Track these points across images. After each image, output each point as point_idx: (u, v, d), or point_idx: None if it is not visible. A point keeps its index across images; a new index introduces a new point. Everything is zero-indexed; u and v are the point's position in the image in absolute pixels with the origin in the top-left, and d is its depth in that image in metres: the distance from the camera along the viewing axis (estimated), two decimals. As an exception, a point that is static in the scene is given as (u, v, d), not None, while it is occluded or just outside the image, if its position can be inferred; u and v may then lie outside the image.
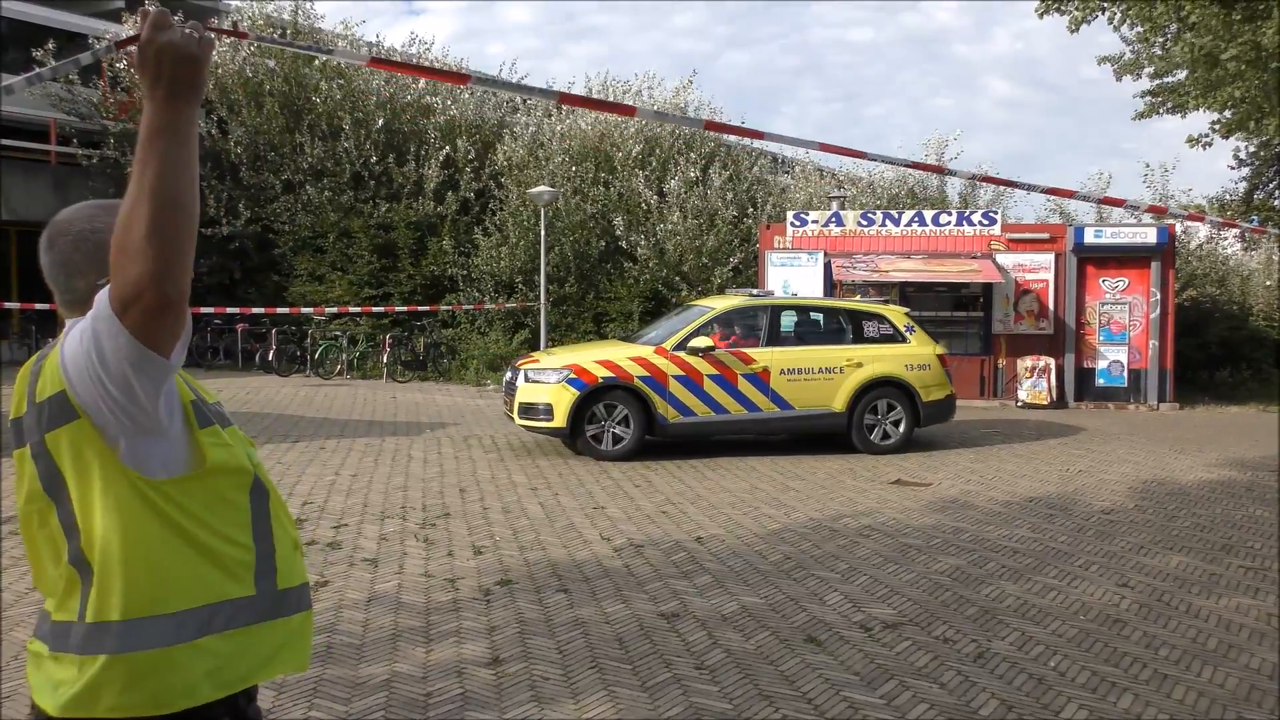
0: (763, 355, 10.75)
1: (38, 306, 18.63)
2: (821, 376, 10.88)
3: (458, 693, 4.26)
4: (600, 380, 10.22)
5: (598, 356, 10.55)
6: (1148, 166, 31.67)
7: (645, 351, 10.57)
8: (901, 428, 11.07)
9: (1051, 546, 6.93)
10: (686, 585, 5.88)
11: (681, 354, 10.49)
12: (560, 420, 10.16)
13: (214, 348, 20.74)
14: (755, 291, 12.30)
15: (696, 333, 10.65)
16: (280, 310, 18.63)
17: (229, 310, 19.50)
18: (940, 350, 11.62)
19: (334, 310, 19.59)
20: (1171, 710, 4.19)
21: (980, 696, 4.30)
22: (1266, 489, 9.29)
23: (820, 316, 11.89)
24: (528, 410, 10.35)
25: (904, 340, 11.35)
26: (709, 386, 10.50)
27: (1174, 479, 9.71)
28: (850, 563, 6.42)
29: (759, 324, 11.13)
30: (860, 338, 11.31)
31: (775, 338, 11.04)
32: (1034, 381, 16.14)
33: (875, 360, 11.06)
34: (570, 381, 10.17)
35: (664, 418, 10.36)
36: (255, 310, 19.21)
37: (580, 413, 10.16)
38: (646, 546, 6.77)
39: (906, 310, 12.13)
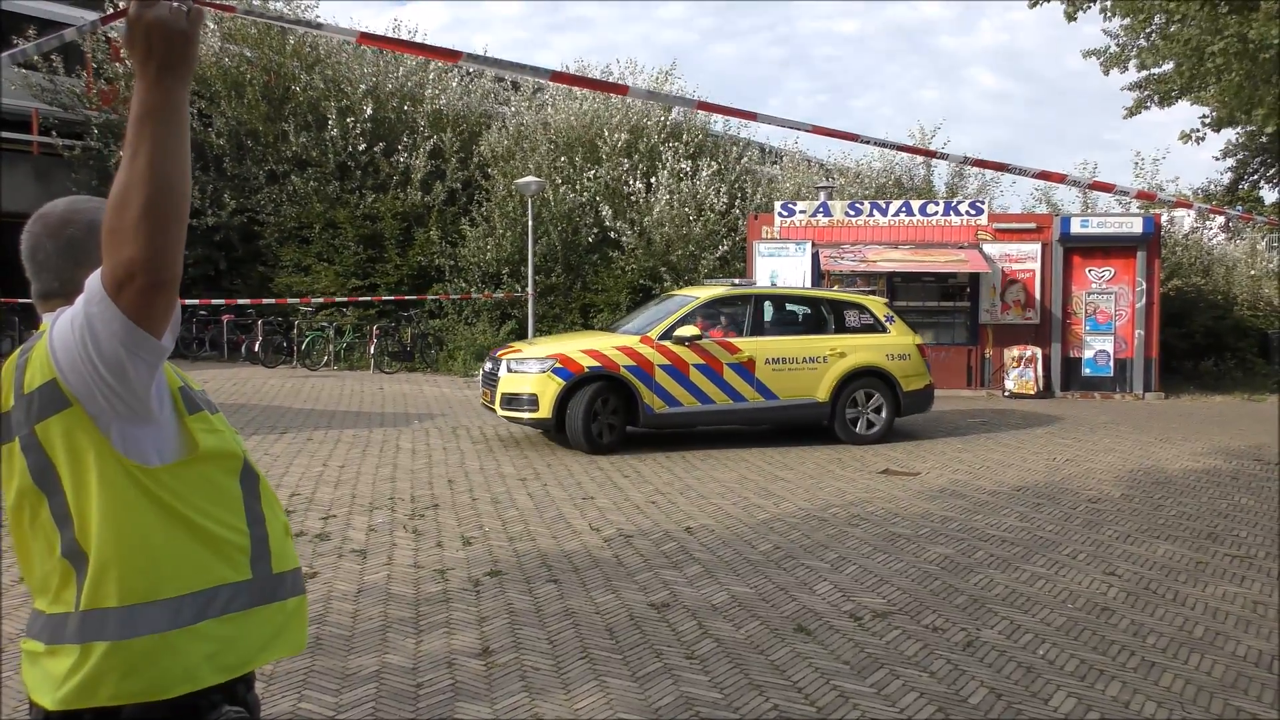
0: (748, 345, 10.63)
1: (21, 301, 18.48)
2: (805, 366, 10.79)
3: (448, 683, 4.25)
4: (586, 370, 9.97)
5: (583, 346, 10.32)
6: (1139, 154, 31.86)
7: (631, 341, 10.38)
8: (883, 417, 11.04)
9: (1039, 535, 6.96)
10: (676, 575, 5.88)
11: (667, 343, 10.31)
12: (545, 411, 9.94)
13: (199, 339, 20.65)
14: (737, 281, 12.03)
15: (682, 322, 10.49)
16: (266, 301, 18.52)
17: (214, 301, 19.41)
18: (919, 340, 11.65)
19: (320, 300, 19.51)
20: (1159, 697, 4.21)
21: (970, 685, 4.31)
22: (1252, 477, 9.35)
23: (803, 306, 11.76)
24: (511, 401, 10.13)
25: (884, 330, 11.32)
26: (695, 376, 10.34)
27: (1160, 468, 9.77)
28: (839, 552, 6.43)
29: (743, 313, 11.03)
30: (842, 327, 11.24)
31: (759, 327, 10.99)
32: (1020, 371, 16.20)
33: (857, 350, 11.01)
34: (556, 371, 9.94)
35: (650, 407, 10.18)
36: (241, 301, 19.11)
37: (566, 403, 9.97)
38: (636, 537, 6.77)
39: (886, 300, 12.12)
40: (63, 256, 1.80)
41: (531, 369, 10.07)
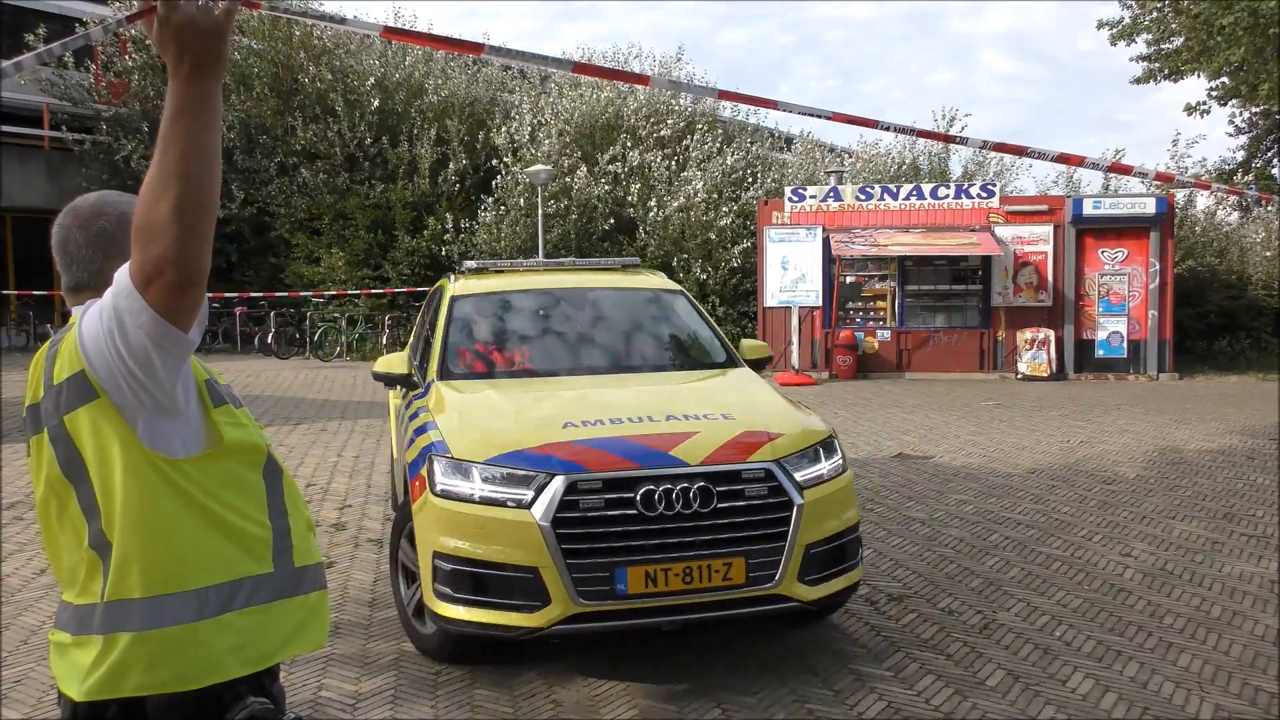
0: None
1: (35, 293, 18.56)
2: None
3: (466, 669, 4.27)
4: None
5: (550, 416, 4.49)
6: (1177, 133, 31.70)
7: None
8: None
9: (1055, 517, 6.95)
10: (691, 561, 5.88)
11: None
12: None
13: (212, 331, 20.71)
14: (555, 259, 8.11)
15: None
16: (279, 294, 18.54)
17: (227, 295, 19.48)
18: None
19: (333, 294, 19.57)
20: (1177, 677, 4.21)
21: (987, 667, 4.32)
22: (1267, 457, 9.31)
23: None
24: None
25: None
26: None
27: (1175, 448, 9.73)
28: (854, 536, 6.43)
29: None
30: None
31: None
32: (1034, 353, 16.15)
33: None
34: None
35: None
36: (254, 295, 19.15)
37: None
38: (650, 523, 6.77)
39: None
40: (93, 248, 1.81)
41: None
